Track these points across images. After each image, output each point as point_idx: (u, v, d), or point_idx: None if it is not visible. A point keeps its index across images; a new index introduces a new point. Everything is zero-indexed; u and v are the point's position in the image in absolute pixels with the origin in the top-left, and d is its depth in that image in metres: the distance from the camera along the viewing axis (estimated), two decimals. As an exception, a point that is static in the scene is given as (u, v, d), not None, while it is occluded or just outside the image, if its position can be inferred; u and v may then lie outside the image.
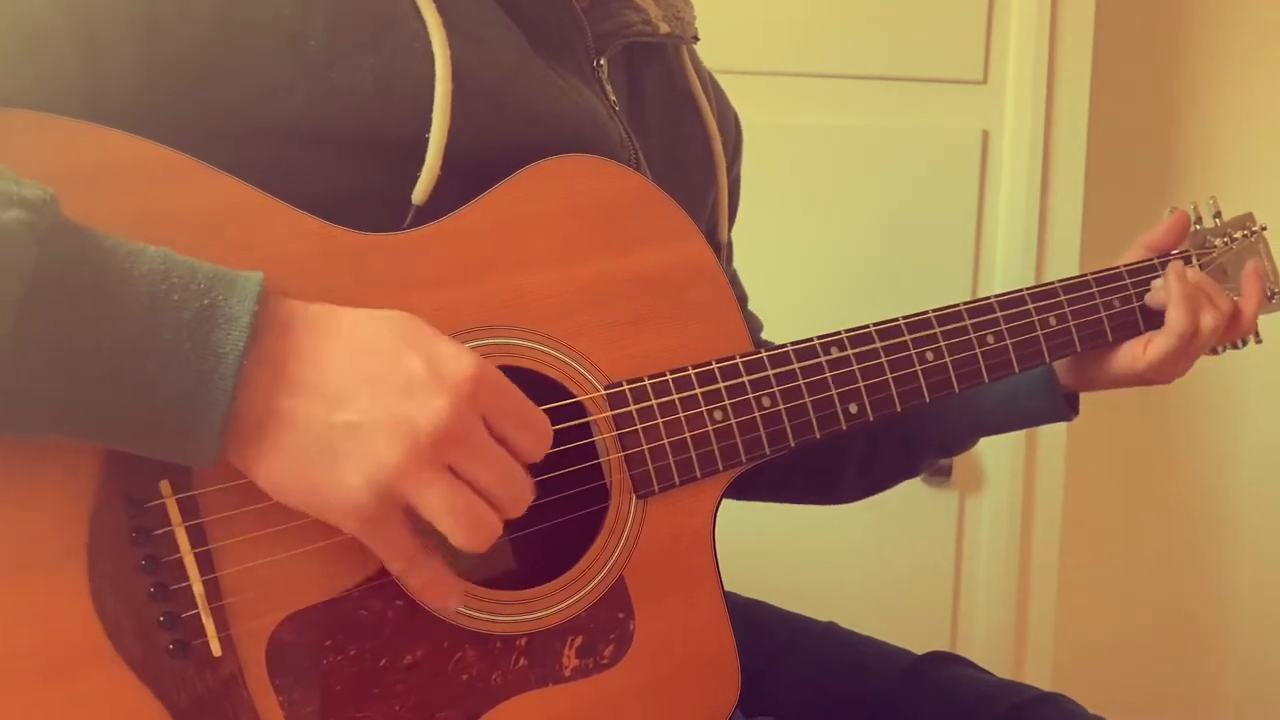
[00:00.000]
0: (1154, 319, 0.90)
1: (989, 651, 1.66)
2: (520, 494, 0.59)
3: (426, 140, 0.67)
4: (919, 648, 0.97)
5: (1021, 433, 1.62)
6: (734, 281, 0.99)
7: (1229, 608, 1.97)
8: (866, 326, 0.78)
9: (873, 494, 1.03)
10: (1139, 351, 0.89)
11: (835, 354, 0.76)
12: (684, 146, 0.89)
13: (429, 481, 0.55)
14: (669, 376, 0.71)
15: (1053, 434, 1.67)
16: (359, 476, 0.55)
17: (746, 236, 1.00)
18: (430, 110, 0.67)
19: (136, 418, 0.52)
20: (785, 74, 1.57)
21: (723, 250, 0.94)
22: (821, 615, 1.01)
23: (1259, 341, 0.97)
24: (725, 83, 0.98)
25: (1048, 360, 0.85)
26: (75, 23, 0.61)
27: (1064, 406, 0.95)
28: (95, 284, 0.51)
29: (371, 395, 0.55)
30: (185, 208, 0.60)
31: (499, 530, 0.58)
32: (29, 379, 0.50)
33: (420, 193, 0.67)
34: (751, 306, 1.01)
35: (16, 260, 0.49)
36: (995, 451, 1.65)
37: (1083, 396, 0.98)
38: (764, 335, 1.01)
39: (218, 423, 0.53)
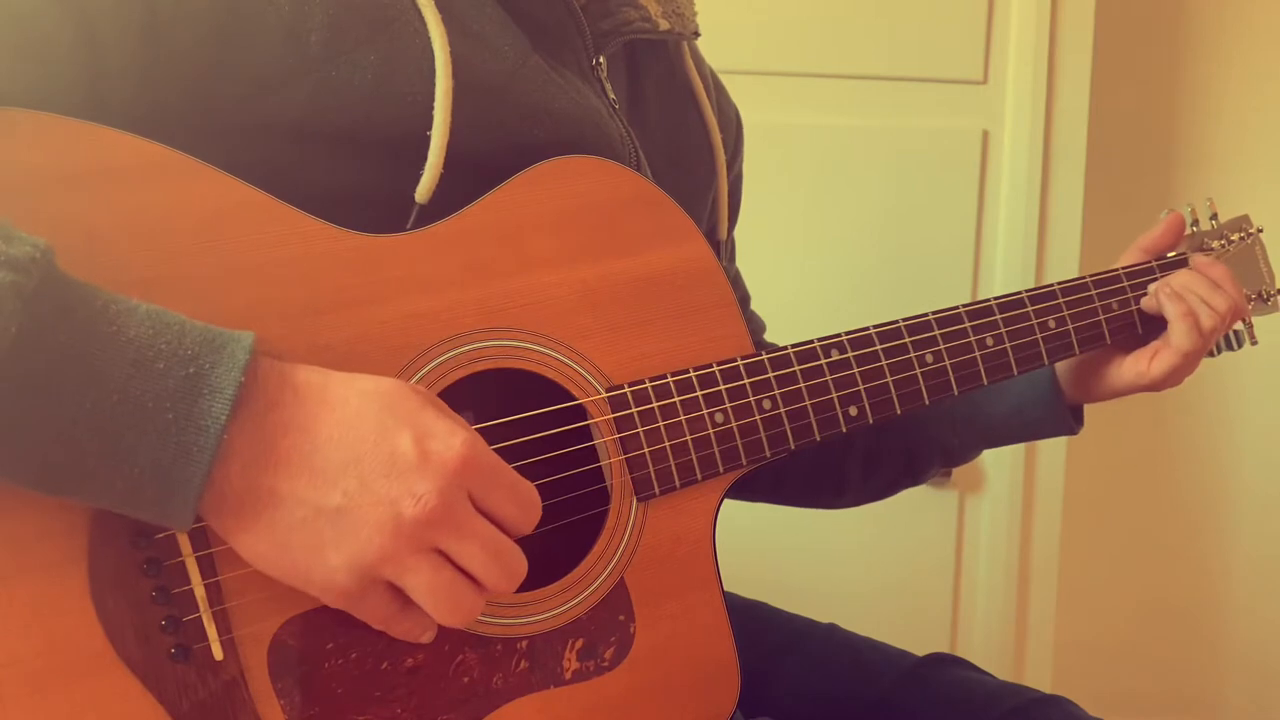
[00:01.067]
0: (1152, 320, 0.90)
1: (989, 652, 1.66)
2: (509, 570, 0.58)
3: (426, 137, 0.67)
4: (919, 648, 0.97)
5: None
6: (736, 281, 0.99)
7: (1229, 608, 1.97)
8: (867, 329, 0.78)
9: (875, 500, 1.03)
10: (1144, 367, 0.89)
11: (836, 356, 0.76)
12: (684, 143, 0.89)
13: (411, 566, 0.56)
14: (670, 379, 0.71)
15: (1053, 435, 1.67)
16: (341, 559, 0.55)
17: (746, 236, 1.00)
18: (430, 107, 0.67)
19: (113, 484, 0.52)
20: (785, 74, 1.56)
21: (723, 248, 0.93)
22: (822, 616, 1.01)
23: (1254, 343, 0.98)
24: (725, 83, 0.98)
25: (1046, 363, 0.86)
26: (75, 23, 0.60)
27: (1069, 419, 0.95)
28: (79, 347, 0.50)
29: (358, 478, 0.54)
30: (185, 208, 0.59)
31: (480, 607, 0.58)
32: (7, 439, 0.49)
33: (424, 190, 0.67)
34: (751, 306, 1.01)
35: None
36: (995, 452, 1.64)
37: (1083, 399, 0.98)
38: (765, 335, 1.00)
39: (194, 495, 0.52)
